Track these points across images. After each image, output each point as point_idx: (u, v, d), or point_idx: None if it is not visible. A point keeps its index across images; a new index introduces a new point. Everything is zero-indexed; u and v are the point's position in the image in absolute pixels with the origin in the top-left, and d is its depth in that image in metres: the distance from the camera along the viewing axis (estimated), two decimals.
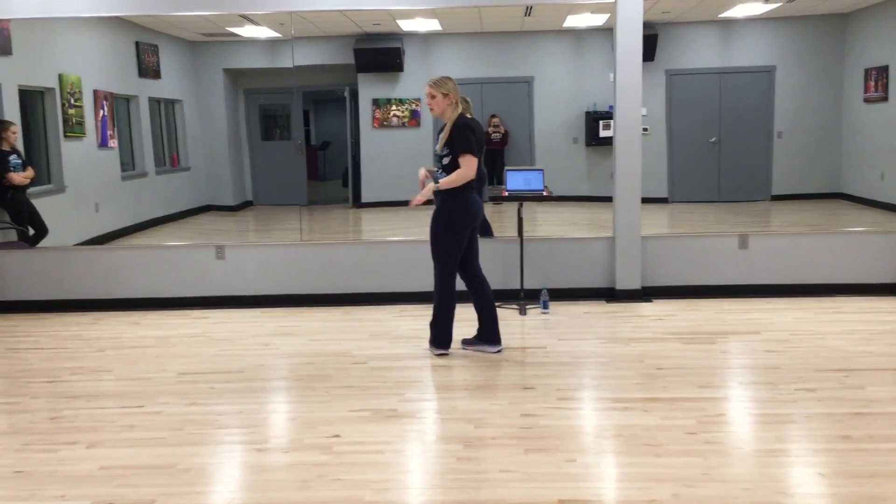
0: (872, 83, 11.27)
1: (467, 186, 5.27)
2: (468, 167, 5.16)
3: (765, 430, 4.08)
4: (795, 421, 4.14)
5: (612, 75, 6.88)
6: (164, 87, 11.78)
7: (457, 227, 5.28)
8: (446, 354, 5.43)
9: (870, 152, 11.40)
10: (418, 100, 12.76)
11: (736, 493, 3.34)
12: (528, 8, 10.25)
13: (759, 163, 12.54)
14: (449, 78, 5.32)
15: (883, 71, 10.97)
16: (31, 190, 7.94)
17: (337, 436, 4.08)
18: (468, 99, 5.47)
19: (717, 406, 4.44)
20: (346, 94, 13.18)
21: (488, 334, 5.50)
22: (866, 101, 11.47)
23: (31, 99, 8.81)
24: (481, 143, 5.35)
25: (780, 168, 12.47)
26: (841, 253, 6.97)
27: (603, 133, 12.35)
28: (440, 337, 5.45)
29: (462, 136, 5.18)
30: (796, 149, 12.38)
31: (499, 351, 5.48)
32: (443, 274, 5.35)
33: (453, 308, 5.42)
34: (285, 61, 10.25)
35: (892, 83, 10.77)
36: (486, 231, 7.47)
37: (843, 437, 3.90)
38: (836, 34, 12.13)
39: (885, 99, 10.92)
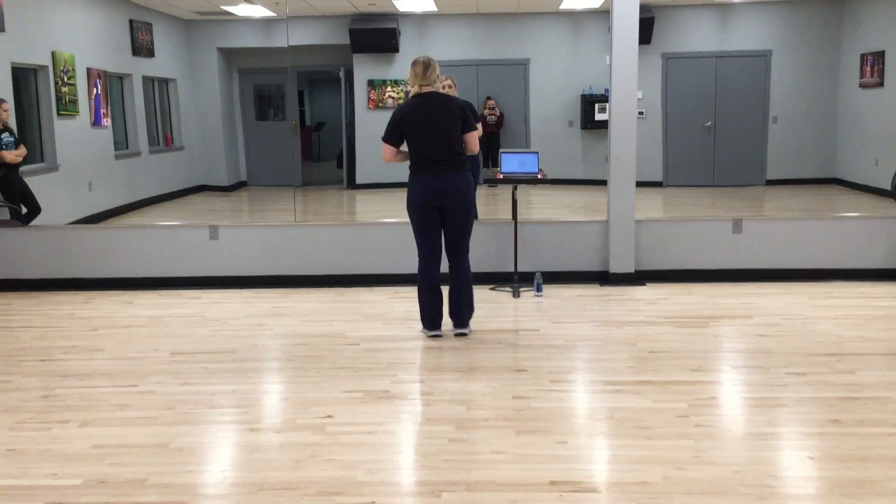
0: (868, 69, 11.26)
1: (416, 167, 5.28)
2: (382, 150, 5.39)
3: (756, 413, 4.10)
4: (786, 405, 4.16)
5: (608, 58, 6.85)
6: (158, 66, 11.72)
7: (410, 207, 5.33)
8: (439, 336, 5.43)
9: (865, 138, 11.41)
10: None
11: (726, 476, 3.35)
12: None
13: (754, 147, 12.55)
14: (413, 63, 5.27)
15: (879, 56, 10.96)
16: (23, 168, 7.91)
17: (329, 416, 4.09)
18: (420, 73, 5.28)
19: (709, 389, 4.46)
20: (341, 74, 13.12)
21: (458, 318, 5.48)
22: (862, 86, 11.47)
23: (24, 76, 8.76)
24: (410, 124, 5.24)
25: (774, 153, 12.48)
26: (834, 238, 6.97)
27: (598, 116, 12.33)
28: (422, 317, 5.47)
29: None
30: (791, 134, 12.38)
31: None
32: (418, 254, 5.40)
33: (426, 289, 5.39)
34: (280, 41, 10.19)
35: (888, 69, 10.77)
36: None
37: (833, 422, 3.92)
38: (832, 19, 12.12)
39: (881, 84, 10.92)
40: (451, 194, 5.28)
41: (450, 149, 5.26)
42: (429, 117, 5.24)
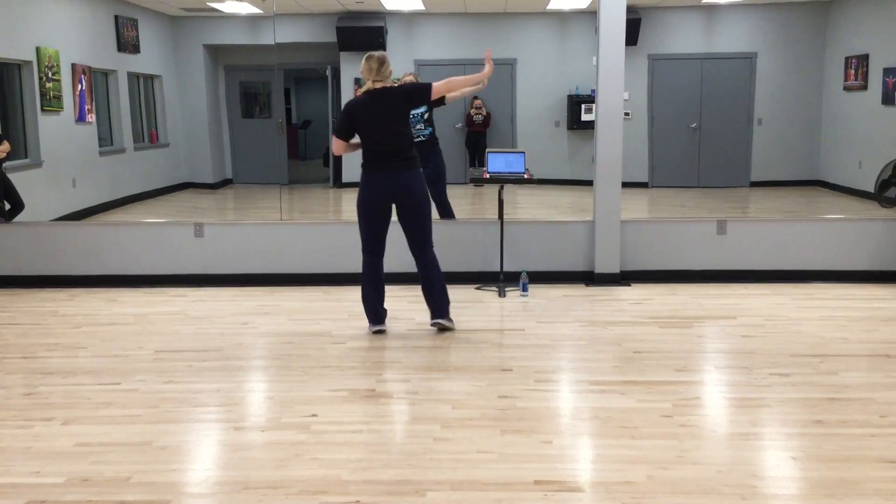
0: (852, 71, 11.34)
1: (368, 163, 5.30)
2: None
3: (739, 413, 4.12)
4: (769, 405, 4.19)
5: (594, 59, 6.87)
6: (144, 62, 11.66)
7: (360, 202, 5.36)
8: (383, 332, 5.48)
9: (848, 140, 11.49)
10: (399, 80, 12.69)
11: (710, 476, 3.37)
12: None
13: (738, 149, 12.62)
14: (367, 58, 5.31)
15: (863, 59, 11.04)
16: (7, 164, 7.84)
17: (314, 415, 4.08)
18: (375, 68, 5.27)
19: (693, 389, 4.48)
20: (328, 72, 13.09)
21: (434, 307, 5.51)
22: (846, 89, 11.54)
23: (8, 72, 8.70)
24: (359, 120, 5.27)
25: (759, 154, 12.55)
26: (818, 240, 7.02)
27: (585, 117, 12.35)
28: (367, 313, 5.51)
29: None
30: (776, 136, 12.45)
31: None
32: (362, 249, 5.46)
33: (370, 285, 5.45)
34: (267, 38, 10.17)
35: (871, 72, 10.84)
36: (446, 213, 7.48)
37: (816, 422, 3.95)
38: (817, 22, 12.20)
39: (865, 88, 11.00)
40: (403, 190, 5.31)
41: (400, 145, 5.29)
42: (378, 113, 5.26)
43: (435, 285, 5.46)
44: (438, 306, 5.49)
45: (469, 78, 5.59)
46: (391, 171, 5.27)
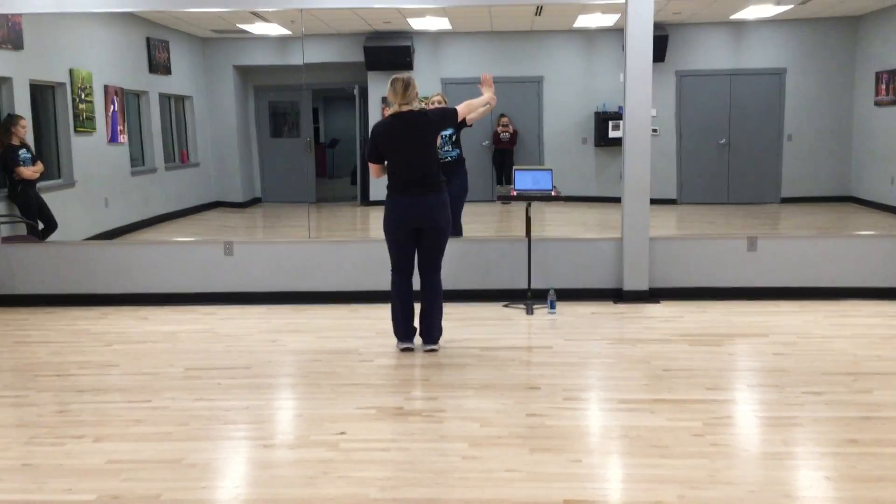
0: (883, 86, 11.22)
1: (394, 187, 5.31)
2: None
3: (771, 432, 4.07)
4: (802, 424, 4.13)
5: (622, 76, 6.86)
6: (175, 83, 11.80)
7: (387, 226, 5.38)
8: (411, 349, 5.50)
9: (880, 156, 11.35)
10: (427, 98, 12.75)
11: (742, 496, 3.33)
12: (538, 7, 10.24)
13: (768, 165, 12.51)
14: (392, 81, 5.30)
15: (894, 74, 10.93)
16: (40, 184, 7.97)
17: (343, 433, 4.09)
18: (400, 91, 5.29)
19: (724, 408, 4.43)
20: (356, 92, 13.18)
21: (429, 335, 5.53)
22: (877, 104, 11.42)
23: (42, 93, 8.84)
24: (386, 144, 5.29)
25: (789, 170, 12.43)
26: (850, 257, 6.94)
27: (612, 133, 12.32)
28: (396, 330, 5.56)
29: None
30: (806, 151, 12.34)
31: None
32: (391, 269, 5.49)
33: (399, 303, 5.49)
34: (295, 58, 10.26)
35: None
36: (456, 230, 7.46)
37: (849, 441, 3.89)
38: (847, 37, 12.09)
39: None
40: (428, 216, 5.31)
41: (426, 169, 5.29)
42: (404, 137, 5.27)
43: (434, 310, 5.50)
44: (432, 336, 5.53)
45: (480, 100, 5.76)
46: (416, 196, 5.27)
